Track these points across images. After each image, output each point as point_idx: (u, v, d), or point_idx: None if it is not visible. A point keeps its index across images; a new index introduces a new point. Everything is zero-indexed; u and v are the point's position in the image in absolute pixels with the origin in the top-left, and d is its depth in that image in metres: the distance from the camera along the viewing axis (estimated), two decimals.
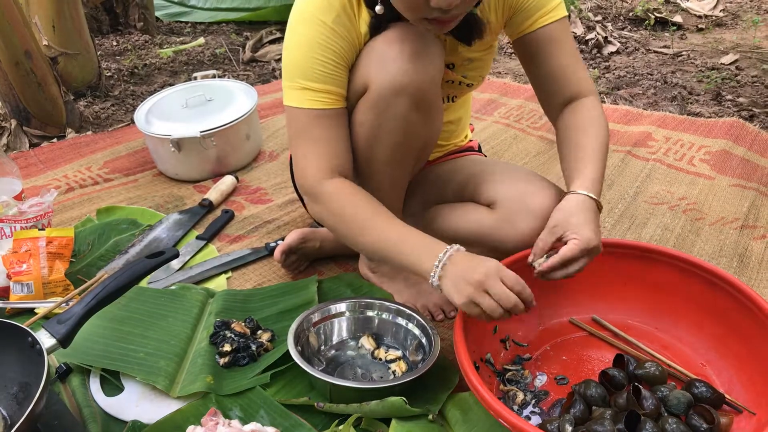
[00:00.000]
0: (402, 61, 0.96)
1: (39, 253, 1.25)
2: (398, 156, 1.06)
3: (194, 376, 1.02)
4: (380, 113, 1.00)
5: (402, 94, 0.98)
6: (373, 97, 0.99)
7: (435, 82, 1.02)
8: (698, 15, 3.27)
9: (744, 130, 1.88)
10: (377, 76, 0.98)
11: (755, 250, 1.36)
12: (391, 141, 1.03)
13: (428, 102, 1.02)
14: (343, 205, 0.99)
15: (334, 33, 0.97)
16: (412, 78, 0.97)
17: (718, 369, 1.02)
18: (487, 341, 1.07)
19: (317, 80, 0.98)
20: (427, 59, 0.98)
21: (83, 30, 2.35)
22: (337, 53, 0.98)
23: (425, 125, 1.05)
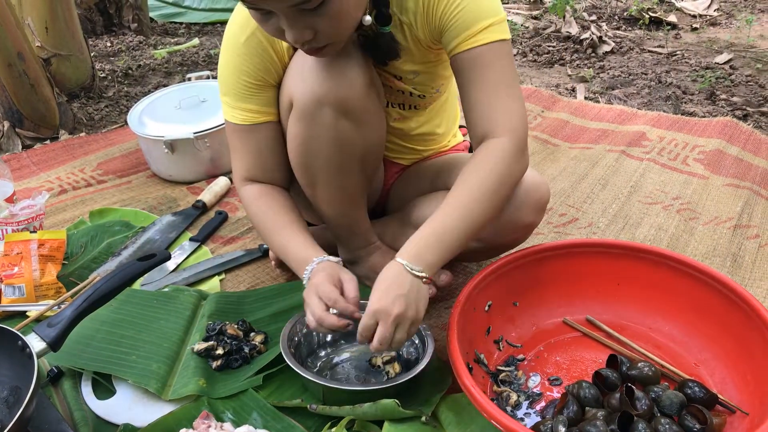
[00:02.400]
0: (318, 72, 0.97)
1: (31, 256, 1.24)
2: (336, 164, 1.06)
3: (187, 379, 1.02)
4: (308, 125, 1.02)
5: (324, 104, 0.99)
6: (299, 110, 1.01)
7: (358, 90, 0.99)
8: (692, 14, 3.28)
9: (738, 129, 1.88)
10: (297, 89, 1.00)
11: (748, 250, 1.36)
12: (324, 151, 1.04)
13: (356, 109, 1.01)
14: (251, 211, 1.11)
15: (246, 53, 1.01)
16: (331, 87, 0.97)
17: (711, 369, 1.02)
18: (481, 342, 1.07)
19: (235, 98, 1.05)
20: (344, 68, 0.98)
21: (76, 31, 2.35)
22: (249, 73, 1.03)
23: (359, 132, 1.04)
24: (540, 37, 3.03)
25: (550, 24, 3.16)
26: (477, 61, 0.96)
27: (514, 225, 1.07)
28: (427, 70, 1.09)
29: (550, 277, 1.14)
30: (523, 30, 3.16)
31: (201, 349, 1.07)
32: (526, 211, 1.05)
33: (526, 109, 2.04)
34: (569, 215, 1.52)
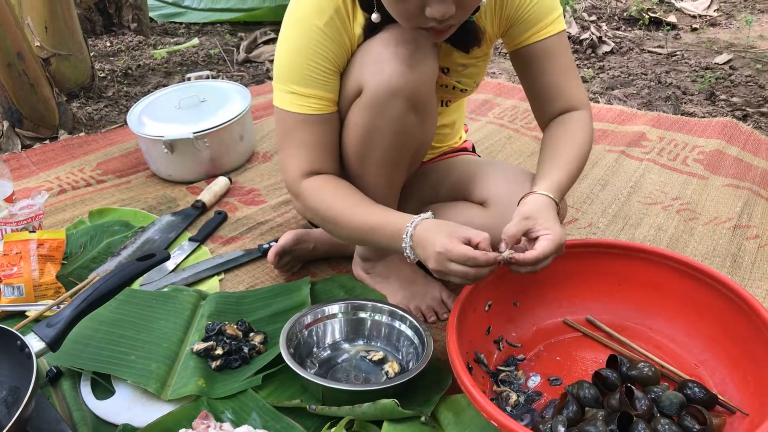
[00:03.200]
0: (397, 63, 0.96)
1: (30, 256, 1.24)
2: (393, 157, 1.06)
3: (186, 379, 1.02)
4: (376, 115, 1.00)
5: (398, 96, 0.97)
6: (369, 98, 0.98)
7: (430, 85, 1.02)
8: (692, 15, 3.28)
9: (737, 129, 1.88)
10: (372, 78, 0.97)
11: (748, 250, 1.36)
12: (386, 142, 1.03)
13: (423, 104, 1.02)
14: (318, 199, 1.02)
15: (325, 37, 0.97)
16: (408, 80, 0.97)
17: (711, 369, 1.02)
18: (481, 342, 1.07)
19: (306, 85, 0.99)
20: (422, 61, 0.98)
21: (76, 31, 2.34)
22: (327, 58, 0.98)
23: (420, 127, 1.05)
24: None
25: None
26: (551, 49, 1.06)
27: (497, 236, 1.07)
28: (477, 64, 1.13)
29: (551, 277, 1.13)
30: None
31: (200, 349, 1.07)
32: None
33: (526, 110, 2.06)
34: (569, 215, 1.52)
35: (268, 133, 2.06)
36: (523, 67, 1.10)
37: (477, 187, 1.16)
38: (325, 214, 1.02)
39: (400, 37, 0.96)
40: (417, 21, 0.88)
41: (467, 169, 1.22)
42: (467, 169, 1.22)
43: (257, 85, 2.53)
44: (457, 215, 1.16)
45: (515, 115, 2.12)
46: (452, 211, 1.18)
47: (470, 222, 1.12)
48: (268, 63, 2.82)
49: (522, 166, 1.76)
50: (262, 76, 2.69)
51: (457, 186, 1.21)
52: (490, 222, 1.10)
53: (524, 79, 1.12)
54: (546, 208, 0.97)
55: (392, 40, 0.96)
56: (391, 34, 0.97)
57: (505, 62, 2.81)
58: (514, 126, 2.04)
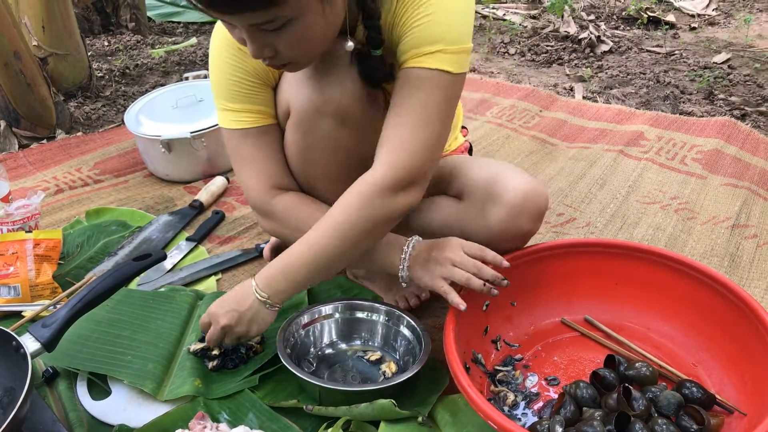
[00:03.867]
0: (315, 81, 0.95)
1: (26, 256, 1.24)
2: (335, 173, 1.04)
3: (182, 380, 1.01)
4: (306, 133, 1.00)
5: (322, 113, 0.96)
6: (297, 117, 0.99)
7: (356, 97, 0.96)
8: (691, 14, 3.28)
9: (736, 129, 1.88)
10: (296, 98, 0.97)
11: (746, 250, 1.36)
12: (323, 159, 1.03)
13: (356, 117, 0.98)
14: (297, 218, 1.01)
15: (243, 52, 0.96)
16: (328, 97, 0.95)
17: (709, 369, 1.02)
18: (478, 342, 1.07)
19: (235, 100, 1.00)
20: (342, 76, 0.95)
21: (73, 30, 2.34)
22: (248, 71, 0.98)
23: (357, 140, 1.02)
24: (538, 36, 3.03)
25: (549, 23, 3.15)
26: (407, 82, 0.89)
27: (511, 233, 1.04)
28: None
29: (548, 276, 1.13)
30: (521, 29, 3.16)
31: (197, 350, 1.06)
32: (524, 219, 1.02)
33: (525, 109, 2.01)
34: (567, 215, 1.52)
35: None
36: None
37: (453, 181, 1.12)
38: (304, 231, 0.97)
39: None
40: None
41: (445, 166, 1.20)
42: (445, 166, 1.20)
43: None
44: (434, 210, 1.13)
45: (513, 114, 2.12)
46: (429, 205, 1.14)
47: (448, 215, 1.10)
48: None
49: (520, 165, 1.76)
50: None
51: (436, 183, 1.19)
52: (465, 214, 1.06)
53: None
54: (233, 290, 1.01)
55: None
56: None
57: (503, 61, 2.80)
58: (513, 125, 2.03)
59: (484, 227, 1.04)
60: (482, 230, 1.04)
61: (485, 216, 1.03)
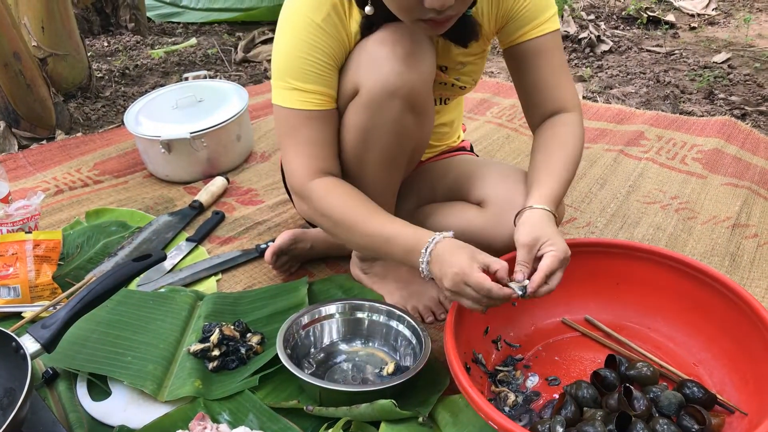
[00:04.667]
0: (394, 63, 0.95)
1: (26, 257, 1.24)
2: (390, 157, 1.05)
3: (182, 381, 1.01)
4: (373, 115, 0.99)
5: (395, 96, 0.96)
6: (365, 99, 0.98)
7: (427, 84, 1.01)
8: (691, 14, 3.28)
9: (736, 128, 1.88)
10: (369, 77, 0.96)
11: (747, 249, 1.36)
12: (383, 143, 1.02)
13: (421, 104, 1.01)
14: (331, 203, 0.99)
15: (324, 32, 0.96)
16: (405, 80, 0.96)
17: (710, 369, 1.01)
18: (479, 342, 1.07)
19: (307, 81, 0.97)
20: (419, 61, 0.97)
21: (73, 31, 2.34)
22: (326, 53, 0.97)
23: (418, 127, 1.04)
24: None
25: None
26: (544, 47, 1.05)
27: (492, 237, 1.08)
28: (475, 62, 1.12)
29: None
30: None
31: (197, 350, 1.06)
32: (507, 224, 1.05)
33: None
34: (567, 215, 1.52)
35: (266, 132, 2.05)
36: (516, 66, 1.09)
37: (474, 188, 1.15)
38: (338, 219, 0.99)
39: (397, 36, 0.95)
40: (416, 13, 0.86)
41: (465, 169, 1.21)
42: (465, 169, 1.21)
43: (255, 85, 2.52)
44: (455, 215, 1.16)
45: (513, 114, 2.11)
46: (450, 211, 1.17)
47: (468, 223, 1.12)
48: (265, 63, 2.82)
49: (520, 165, 1.76)
50: (260, 76, 2.68)
51: (454, 186, 1.21)
52: (488, 223, 1.09)
53: (516, 77, 1.11)
54: (545, 223, 0.95)
55: (389, 39, 0.95)
56: (388, 33, 0.96)
57: (503, 62, 2.80)
58: (513, 125, 2.03)
59: (503, 235, 1.06)
60: (503, 237, 1.06)
61: (504, 224, 1.05)
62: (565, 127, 1.07)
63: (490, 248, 1.08)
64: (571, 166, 1.04)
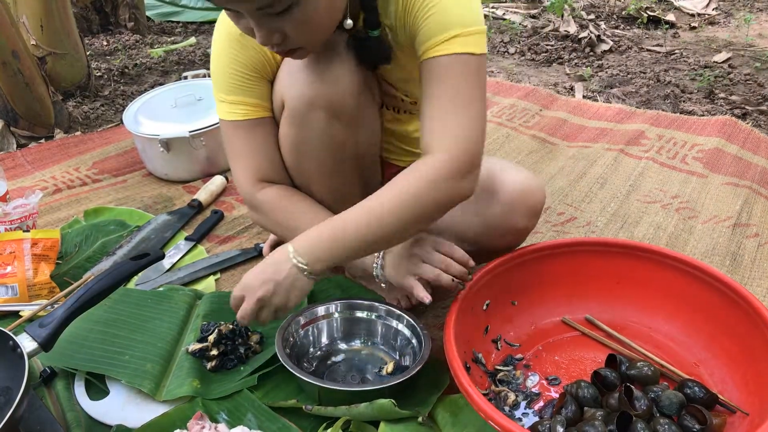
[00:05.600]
0: (309, 75, 0.95)
1: (24, 255, 1.23)
2: (328, 168, 1.05)
3: (181, 380, 1.01)
4: (299, 127, 1.00)
5: (315, 107, 0.97)
6: (290, 111, 0.99)
7: (349, 92, 0.97)
8: (691, 13, 3.27)
9: (736, 128, 1.88)
10: (289, 91, 0.98)
11: (748, 249, 1.35)
12: (315, 153, 1.03)
13: (349, 111, 0.99)
14: (276, 212, 1.02)
15: (241, 45, 0.98)
16: (320, 90, 0.96)
17: (711, 369, 1.01)
18: (479, 342, 1.06)
19: (230, 92, 1.00)
20: (336, 69, 0.95)
21: (72, 30, 2.33)
22: (246, 65, 0.99)
23: (352, 133, 1.02)
24: (538, 35, 3.03)
25: (549, 23, 3.15)
26: (434, 72, 0.89)
27: (505, 229, 1.05)
28: (415, 78, 0.99)
29: (549, 276, 1.13)
30: (521, 29, 3.15)
31: (195, 350, 1.06)
32: (517, 216, 1.04)
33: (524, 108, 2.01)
34: (567, 214, 1.51)
35: None
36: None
37: None
38: (287, 226, 1.02)
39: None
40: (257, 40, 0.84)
41: None
42: None
43: None
44: None
45: (513, 113, 2.11)
46: None
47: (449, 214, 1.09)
48: None
49: (520, 164, 1.75)
50: None
51: None
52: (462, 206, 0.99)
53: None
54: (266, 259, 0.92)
55: None
56: None
57: (503, 61, 2.80)
58: (512, 124, 2.03)
59: (480, 222, 1.04)
60: (478, 225, 1.05)
61: (480, 211, 1.03)
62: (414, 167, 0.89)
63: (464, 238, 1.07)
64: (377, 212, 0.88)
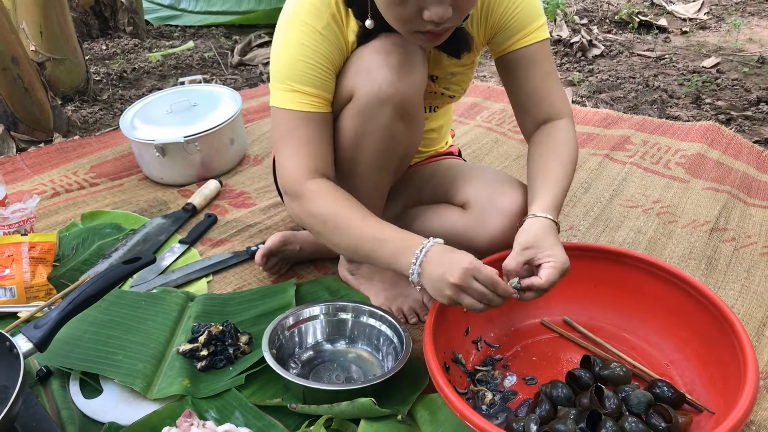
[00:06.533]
0: (387, 72, 0.99)
1: (22, 258, 1.27)
2: (381, 162, 1.09)
3: (171, 379, 1.05)
4: (365, 121, 1.03)
5: (387, 103, 1.01)
6: (359, 105, 1.02)
7: (418, 93, 1.05)
8: (683, 18, 3.31)
9: (719, 133, 1.91)
10: (363, 85, 1.00)
11: (724, 253, 1.39)
12: (374, 148, 1.06)
13: (411, 112, 1.05)
14: (322, 204, 1.00)
15: (324, 38, 1.00)
16: (397, 88, 1.00)
17: (681, 369, 1.05)
18: (459, 343, 1.10)
19: (307, 83, 1.00)
20: (411, 70, 1.01)
21: (71, 35, 2.37)
22: (326, 57, 1.00)
23: (408, 134, 1.08)
24: None
25: None
26: (536, 56, 1.09)
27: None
28: (464, 71, 1.16)
29: None
30: None
31: (186, 350, 1.09)
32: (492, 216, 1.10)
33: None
34: None
35: (260, 136, 2.09)
36: (508, 74, 1.13)
37: (458, 190, 1.19)
38: (329, 219, 1.00)
39: (392, 46, 1.00)
40: (414, 25, 0.90)
41: (449, 173, 1.25)
42: (449, 173, 1.25)
43: (250, 88, 2.55)
44: (439, 217, 1.20)
45: (503, 118, 2.15)
46: (434, 213, 1.21)
47: (452, 224, 1.16)
48: (261, 66, 2.85)
49: (508, 169, 1.80)
50: (256, 79, 2.72)
51: (439, 189, 1.24)
52: (470, 224, 1.14)
53: (509, 86, 1.14)
54: (546, 232, 0.98)
55: (383, 48, 1.00)
56: (383, 43, 1.00)
57: (494, 66, 2.83)
58: (502, 129, 2.07)
59: (486, 235, 1.11)
60: (484, 238, 1.11)
61: (485, 225, 1.11)
62: (560, 133, 1.10)
63: (471, 249, 1.11)
64: (569, 173, 1.07)
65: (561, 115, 1.12)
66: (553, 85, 1.11)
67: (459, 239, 1.15)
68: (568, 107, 1.13)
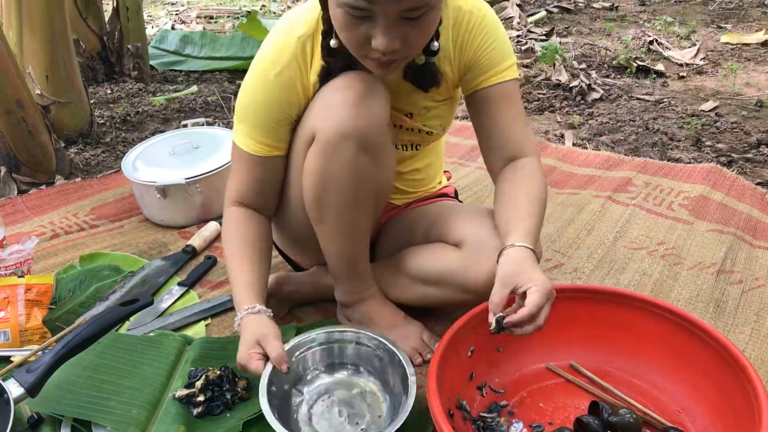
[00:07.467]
0: (347, 107, 1.00)
1: (17, 300, 1.25)
2: (351, 200, 1.08)
3: (167, 426, 1.01)
4: (329, 159, 1.04)
5: (348, 138, 1.01)
6: (321, 143, 1.03)
7: (381, 126, 1.05)
8: (680, 63, 3.36)
9: (722, 175, 1.91)
10: (323, 122, 1.02)
11: (732, 296, 1.37)
12: (341, 186, 1.06)
13: (376, 145, 1.05)
14: (226, 232, 1.15)
15: (276, 89, 1.05)
16: (356, 123, 1.01)
17: (693, 416, 1.02)
18: (464, 388, 1.07)
19: (255, 130, 1.09)
20: (371, 103, 1.02)
21: (76, 79, 2.41)
22: (276, 109, 1.06)
23: (375, 168, 1.07)
24: (530, 84, 3.10)
25: (541, 72, 3.23)
26: (504, 94, 1.11)
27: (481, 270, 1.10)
28: (439, 107, 1.17)
29: None
30: None
31: (182, 396, 1.06)
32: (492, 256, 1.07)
33: None
34: (555, 260, 1.53)
35: None
36: (478, 112, 1.14)
37: (452, 229, 1.17)
38: (227, 243, 1.15)
39: (350, 82, 1.01)
40: (364, 50, 0.93)
41: (442, 213, 1.24)
42: (442, 213, 1.24)
43: None
44: (432, 255, 1.18)
45: None
46: (428, 251, 1.19)
47: (446, 262, 1.14)
48: None
49: None
50: None
51: (432, 229, 1.23)
52: (465, 262, 1.12)
53: (478, 123, 1.15)
54: (523, 260, 0.98)
55: (342, 84, 1.02)
56: (342, 80, 1.02)
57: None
58: None
59: (481, 274, 1.09)
60: (479, 276, 1.09)
61: (480, 264, 1.09)
62: (525, 170, 1.11)
63: (467, 288, 1.11)
64: (539, 205, 1.07)
65: (527, 154, 1.13)
66: (520, 125, 1.13)
67: (453, 278, 1.14)
68: (533, 147, 1.15)
